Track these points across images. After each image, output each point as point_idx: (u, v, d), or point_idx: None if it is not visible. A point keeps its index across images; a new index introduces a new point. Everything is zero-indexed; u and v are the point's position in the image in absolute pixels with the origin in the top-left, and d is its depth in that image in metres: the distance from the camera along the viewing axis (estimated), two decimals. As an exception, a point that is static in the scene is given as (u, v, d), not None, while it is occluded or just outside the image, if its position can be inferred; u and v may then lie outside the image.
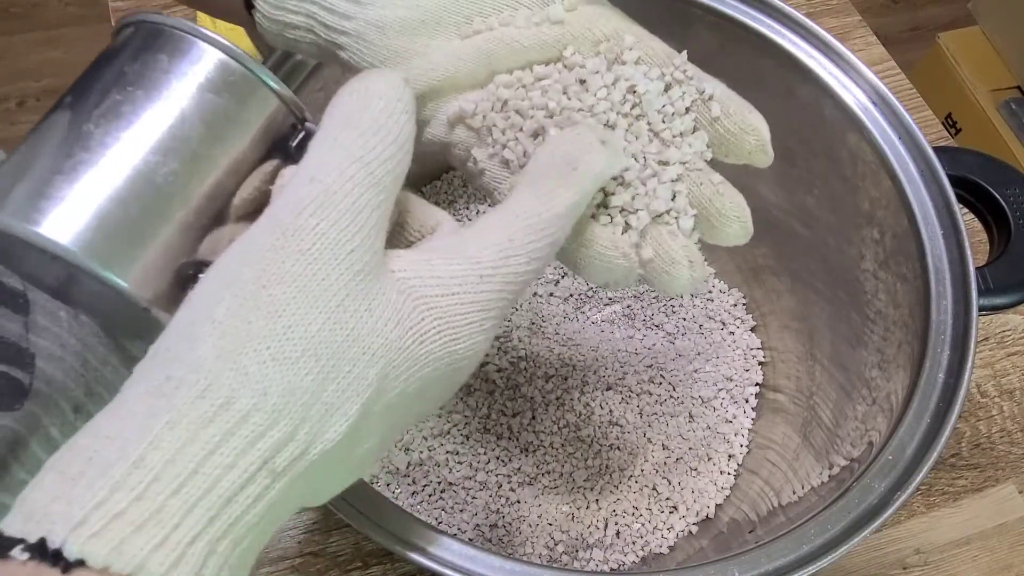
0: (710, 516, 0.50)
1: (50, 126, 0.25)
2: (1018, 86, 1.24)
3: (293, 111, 0.27)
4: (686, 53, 0.31)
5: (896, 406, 0.38)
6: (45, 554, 0.17)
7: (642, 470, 0.51)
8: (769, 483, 0.48)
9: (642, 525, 0.50)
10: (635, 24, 0.31)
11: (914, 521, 0.50)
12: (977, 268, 0.40)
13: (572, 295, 0.57)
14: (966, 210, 0.43)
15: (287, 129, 0.27)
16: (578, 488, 0.50)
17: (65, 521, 0.18)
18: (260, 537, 0.20)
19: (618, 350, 0.55)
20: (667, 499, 0.50)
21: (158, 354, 0.20)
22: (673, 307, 0.57)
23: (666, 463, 0.52)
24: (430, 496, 0.49)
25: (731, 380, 0.55)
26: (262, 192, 0.27)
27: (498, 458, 0.50)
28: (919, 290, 0.40)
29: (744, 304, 0.57)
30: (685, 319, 0.57)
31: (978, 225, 0.45)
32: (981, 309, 0.39)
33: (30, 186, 0.24)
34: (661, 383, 0.54)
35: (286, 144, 0.27)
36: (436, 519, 0.48)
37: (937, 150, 0.42)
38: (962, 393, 0.36)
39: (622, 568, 0.48)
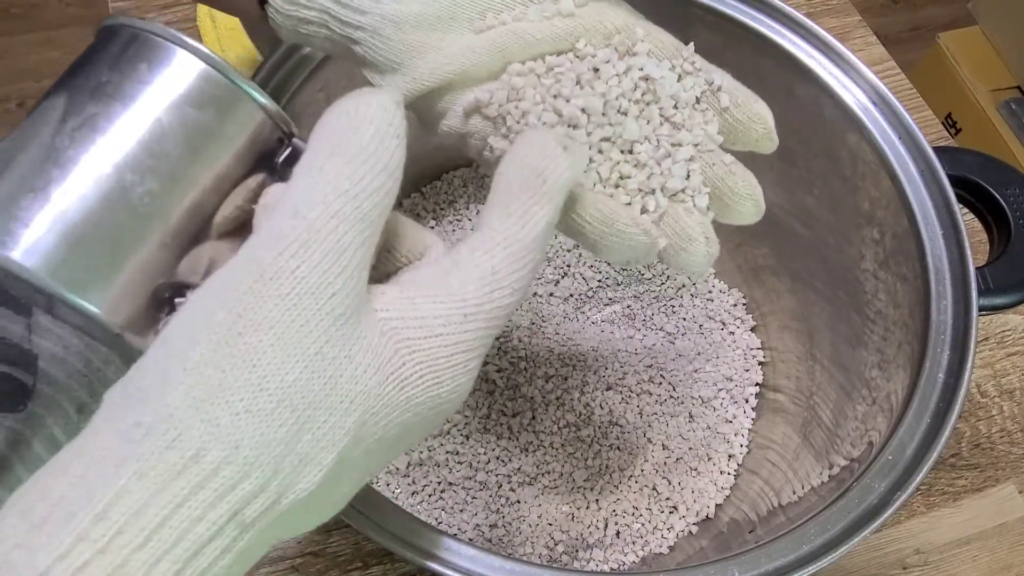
0: (710, 516, 0.50)
1: (25, 136, 0.24)
2: (1018, 86, 1.24)
3: (280, 125, 0.26)
4: (693, 45, 0.31)
5: (896, 406, 0.38)
6: None
7: (642, 470, 0.51)
8: (769, 483, 0.48)
9: (642, 525, 0.50)
10: (643, 18, 0.32)
11: (914, 521, 0.50)
12: (977, 268, 0.40)
13: (572, 295, 0.57)
14: (966, 210, 0.43)
15: (273, 144, 0.26)
16: (578, 488, 0.50)
17: (27, 571, 0.17)
18: None
19: (618, 350, 0.55)
20: (667, 499, 0.51)
21: (129, 392, 0.20)
22: (673, 307, 0.57)
23: (666, 463, 0.52)
24: (430, 496, 0.49)
25: (731, 380, 0.55)
26: (244, 210, 0.25)
27: (498, 458, 0.50)
28: (919, 290, 0.40)
29: (744, 304, 0.57)
30: (685, 319, 0.57)
31: (978, 225, 0.45)
32: (981, 309, 0.39)
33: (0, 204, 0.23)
34: (661, 383, 0.54)
35: (272, 160, 0.26)
36: (436, 519, 0.48)
37: (937, 150, 0.42)
38: (962, 393, 0.36)
39: (622, 568, 0.48)
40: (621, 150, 0.30)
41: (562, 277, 0.57)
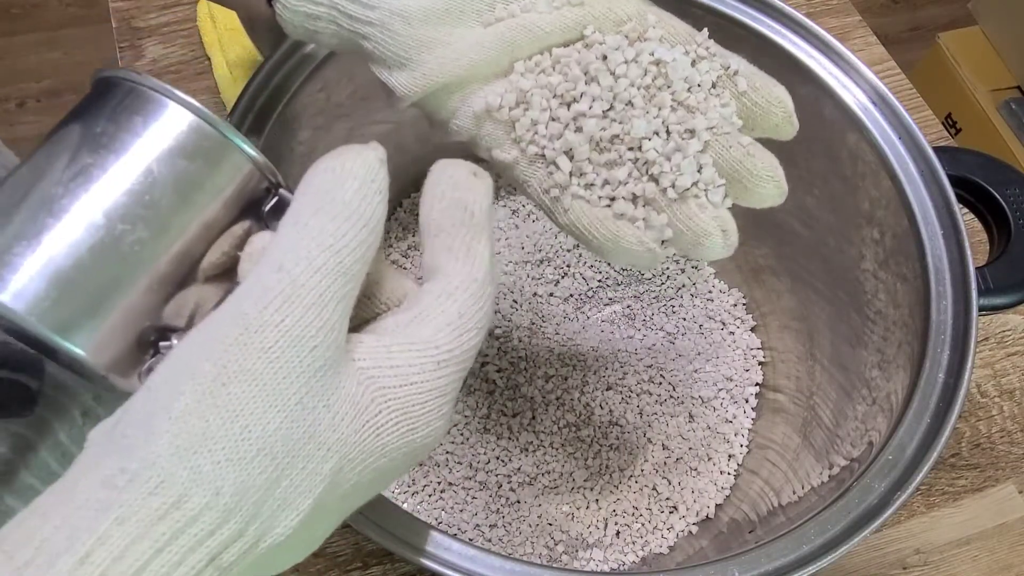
0: (710, 516, 0.50)
1: (21, 181, 0.24)
2: (1018, 86, 1.24)
3: (267, 176, 0.26)
4: (707, 31, 0.31)
5: (896, 406, 0.38)
6: None
7: (642, 470, 0.51)
8: (769, 483, 0.48)
9: (642, 525, 0.50)
10: (655, 6, 0.32)
11: (914, 521, 0.50)
12: (977, 268, 0.40)
13: (572, 295, 0.57)
14: (966, 210, 0.43)
15: (260, 193, 0.27)
16: (578, 488, 0.50)
17: None
18: None
19: (618, 350, 0.55)
20: (667, 499, 0.51)
21: (114, 437, 0.20)
22: (673, 307, 0.57)
23: (666, 463, 0.52)
24: (430, 496, 0.49)
25: (731, 380, 0.55)
26: (230, 256, 0.26)
27: (498, 458, 0.50)
28: (919, 290, 0.40)
29: (744, 304, 0.57)
30: (685, 319, 0.57)
31: (978, 225, 0.45)
32: (981, 309, 0.39)
33: None
34: (661, 383, 0.54)
35: (258, 208, 0.27)
36: (436, 519, 0.48)
37: (937, 150, 0.42)
38: (962, 393, 0.36)
39: (622, 568, 0.48)
40: (629, 147, 0.29)
41: (562, 277, 0.57)
